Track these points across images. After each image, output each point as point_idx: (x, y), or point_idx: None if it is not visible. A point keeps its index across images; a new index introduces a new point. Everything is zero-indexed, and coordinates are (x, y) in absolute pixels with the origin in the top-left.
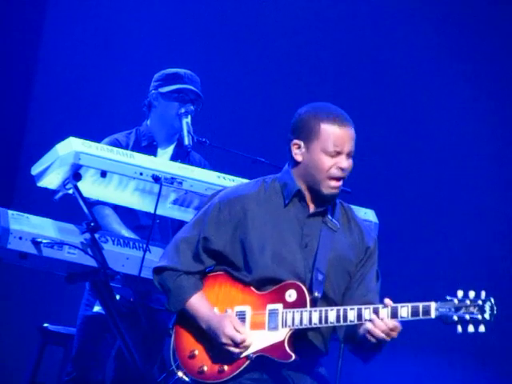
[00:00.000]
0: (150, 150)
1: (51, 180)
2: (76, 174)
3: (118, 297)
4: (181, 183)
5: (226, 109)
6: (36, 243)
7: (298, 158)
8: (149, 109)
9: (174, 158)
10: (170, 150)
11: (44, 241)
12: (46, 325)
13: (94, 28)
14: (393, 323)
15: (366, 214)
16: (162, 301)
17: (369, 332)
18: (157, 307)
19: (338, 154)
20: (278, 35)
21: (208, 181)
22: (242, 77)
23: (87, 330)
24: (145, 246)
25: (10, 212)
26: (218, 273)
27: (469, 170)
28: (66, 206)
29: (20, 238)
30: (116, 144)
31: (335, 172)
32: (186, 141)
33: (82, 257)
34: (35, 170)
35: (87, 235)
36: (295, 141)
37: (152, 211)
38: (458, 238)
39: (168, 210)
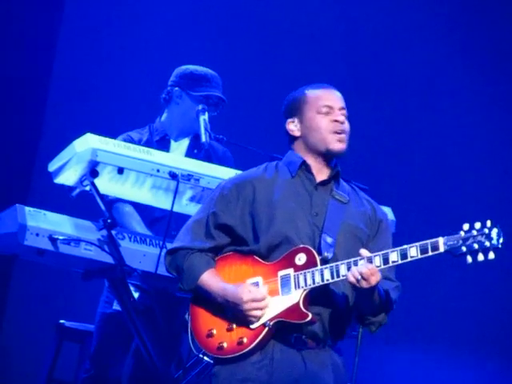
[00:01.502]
0: (163, 143)
1: (68, 177)
2: (93, 171)
3: (136, 294)
4: (198, 180)
5: (244, 105)
6: (53, 240)
7: (296, 133)
8: (167, 103)
9: (190, 149)
10: (186, 142)
11: (61, 237)
12: (62, 321)
13: (111, 25)
14: (371, 266)
15: None
16: None
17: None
18: (179, 295)
19: (330, 110)
20: (292, 32)
21: (225, 178)
22: (260, 74)
23: (106, 327)
24: (161, 242)
25: (27, 208)
26: (228, 254)
27: (486, 165)
28: (83, 202)
29: (37, 235)
30: (129, 141)
31: (334, 125)
32: (203, 138)
33: (99, 253)
34: (52, 166)
35: (104, 232)
36: (288, 120)
37: (169, 208)
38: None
39: (185, 207)
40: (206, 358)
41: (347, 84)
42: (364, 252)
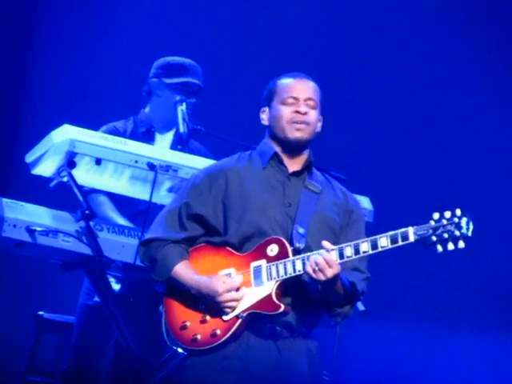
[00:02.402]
0: (148, 135)
1: (46, 168)
2: (71, 162)
3: (115, 286)
4: (176, 171)
5: (221, 96)
6: (31, 231)
7: (265, 122)
8: (149, 95)
9: (174, 143)
10: (170, 135)
11: (39, 229)
12: (41, 313)
13: (89, 15)
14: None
15: (361, 202)
16: None
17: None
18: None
19: (295, 100)
20: (277, 23)
21: None
22: (237, 65)
23: (87, 319)
24: (140, 233)
25: (5, 200)
26: (201, 245)
27: (465, 154)
28: (61, 193)
29: (14, 226)
30: (114, 131)
31: (292, 116)
32: (181, 128)
33: (77, 245)
34: (30, 157)
35: (82, 223)
36: (262, 109)
37: (147, 199)
38: None
39: (163, 198)
40: (180, 349)
41: (323, 74)
42: (326, 244)
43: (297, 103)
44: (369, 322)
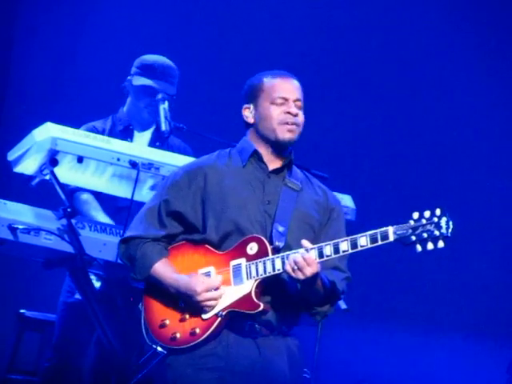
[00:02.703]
0: (127, 133)
1: (28, 166)
2: (53, 160)
3: (97, 284)
4: (158, 169)
5: (204, 94)
6: (12, 229)
7: (250, 120)
8: (126, 93)
9: (152, 141)
10: (149, 133)
11: (20, 227)
12: (22, 311)
13: (71, 13)
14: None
15: (343, 200)
16: None
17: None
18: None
19: (285, 101)
20: (261, 20)
21: None
22: (220, 62)
23: (69, 316)
24: (122, 231)
25: None
26: (180, 243)
27: (446, 152)
28: (43, 191)
29: None
30: (93, 131)
31: (284, 117)
32: (163, 127)
33: (59, 243)
34: (11, 155)
35: (64, 221)
36: (244, 105)
37: (129, 197)
38: None
39: (145, 195)
40: (159, 348)
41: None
42: (305, 243)
43: (286, 104)
44: (351, 319)
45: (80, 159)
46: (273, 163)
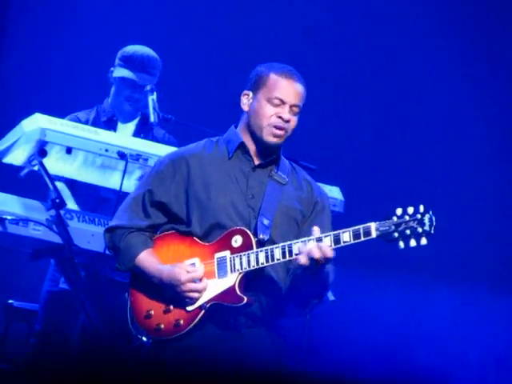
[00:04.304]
0: (110, 124)
1: (16, 156)
2: (41, 151)
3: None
4: (146, 160)
5: (192, 85)
6: (1, 220)
7: (245, 107)
8: (110, 84)
9: (136, 132)
10: (133, 124)
11: (9, 217)
12: (10, 301)
13: (58, 4)
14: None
15: (332, 192)
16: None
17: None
18: (123, 280)
19: (281, 103)
20: (254, 12)
21: None
22: (209, 54)
23: (53, 305)
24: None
25: None
26: (165, 233)
27: (434, 145)
28: (32, 182)
29: None
30: (76, 121)
31: (275, 120)
32: (152, 118)
33: (47, 233)
34: (0, 146)
35: (52, 212)
36: (245, 91)
37: (117, 188)
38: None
39: (134, 186)
40: (144, 338)
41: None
42: (316, 231)
43: (282, 106)
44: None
45: (69, 150)
46: (259, 157)
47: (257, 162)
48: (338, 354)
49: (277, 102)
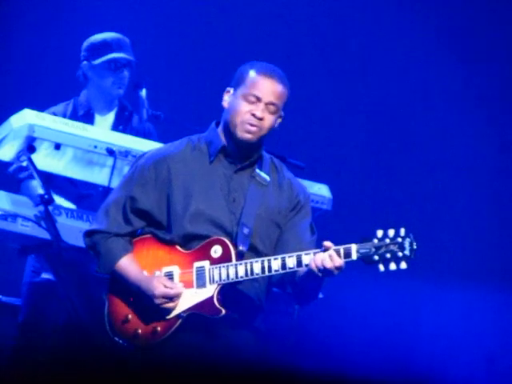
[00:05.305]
0: (88, 118)
1: (5, 152)
2: (30, 147)
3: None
4: (135, 156)
5: (182, 82)
6: None
7: (225, 104)
8: (85, 79)
9: (115, 124)
10: (111, 116)
11: None
12: None
13: None
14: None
15: (320, 189)
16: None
17: (317, 267)
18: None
19: (257, 100)
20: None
21: None
22: (199, 52)
23: (36, 296)
24: None
25: None
26: (146, 236)
27: (423, 143)
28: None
29: None
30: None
31: (248, 117)
32: (145, 115)
33: (36, 229)
34: None
35: (41, 208)
36: (228, 88)
37: (106, 184)
38: (416, 211)
39: None
40: (121, 341)
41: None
42: (327, 244)
43: (257, 104)
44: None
45: (57, 146)
46: (241, 159)
47: (239, 165)
48: (327, 352)
49: (252, 99)
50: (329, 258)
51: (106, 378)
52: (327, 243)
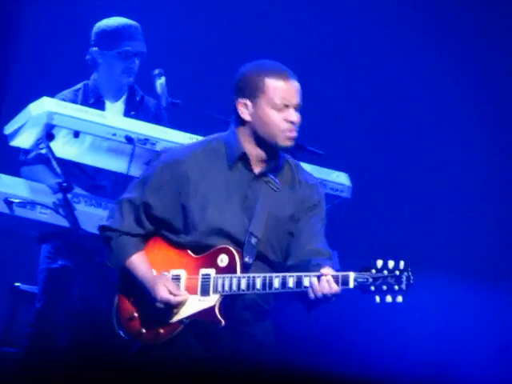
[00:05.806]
0: (98, 105)
1: (24, 140)
2: (49, 134)
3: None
4: (154, 144)
5: (202, 69)
6: (8, 203)
7: (246, 117)
8: (94, 64)
9: (127, 110)
10: (121, 103)
11: (16, 200)
12: (17, 284)
13: None
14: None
15: (338, 177)
16: None
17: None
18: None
19: (286, 107)
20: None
21: (181, 142)
22: (219, 39)
23: (53, 282)
24: None
25: None
26: (158, 236)
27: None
28: None
29: None
30: None
31: (286, 126)
32: (164, 103)
33: (54, 217)
34: (8, 129)
35: (59, 195)
36: (240, 100)
37: (125, 172)
38: (434, 201)
39: (141, 171)
40: (125, 336)
41: (304, 50)
42: (325, 271)
43: (288, 110)
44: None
45: (76, 134)
46: (259, 166)
47: (257, 171)
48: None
49: (281, 107)
50: (327, 283)
51: (108, 371)
52: (325, 270)
